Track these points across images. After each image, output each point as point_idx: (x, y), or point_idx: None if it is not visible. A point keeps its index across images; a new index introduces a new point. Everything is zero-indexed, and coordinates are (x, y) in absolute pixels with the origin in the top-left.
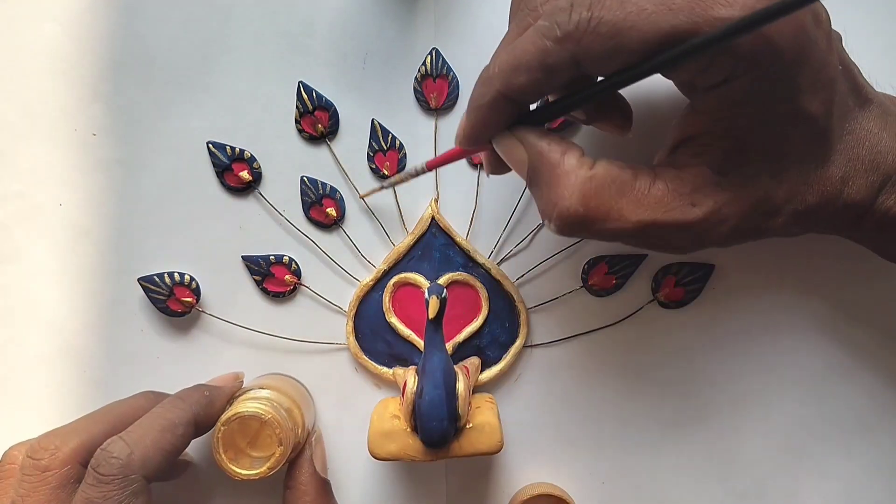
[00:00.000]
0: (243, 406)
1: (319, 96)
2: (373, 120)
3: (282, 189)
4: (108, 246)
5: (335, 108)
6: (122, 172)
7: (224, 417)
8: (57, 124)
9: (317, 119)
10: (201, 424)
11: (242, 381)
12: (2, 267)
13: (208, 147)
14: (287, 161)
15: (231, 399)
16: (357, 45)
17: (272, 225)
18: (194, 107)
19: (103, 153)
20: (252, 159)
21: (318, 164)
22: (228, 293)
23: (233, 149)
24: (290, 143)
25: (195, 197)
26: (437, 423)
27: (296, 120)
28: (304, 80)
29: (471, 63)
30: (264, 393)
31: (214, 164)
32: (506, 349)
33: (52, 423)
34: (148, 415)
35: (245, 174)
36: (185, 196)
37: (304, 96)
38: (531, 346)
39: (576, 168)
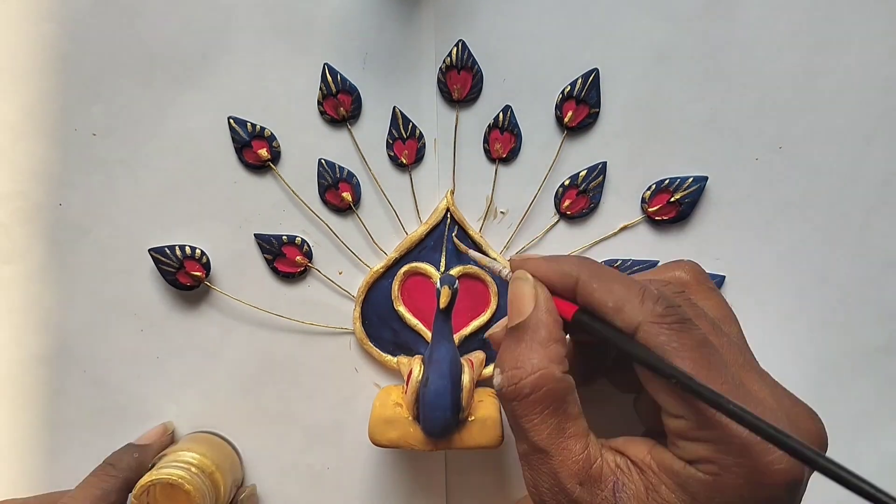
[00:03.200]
0: (162, 473)
1: (344, 80)
2: (394, 107)
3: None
4: (109, 243)
5: (358, 93)
6: (123, 171)
7: (142, 481)
8: (57, 124)
9: (339, 102)
10: (133, 485)
11: (172, 434)
12: (1, 267)
13: (229, 122)
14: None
15: (157, 455)
16: (357, 45)
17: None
18: (194, 107)
19: (103, 153)
20: (272, 137)
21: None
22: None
23: (254, 126)
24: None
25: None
26: (440, 413)
27: (318, 101)
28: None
29: None
30: (187, 456)
31: (234, 140)
32: None
33: (51, 425)
34: (81, 484)
35: (264, 152)
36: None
37: (329, 78)
38: None
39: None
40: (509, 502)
